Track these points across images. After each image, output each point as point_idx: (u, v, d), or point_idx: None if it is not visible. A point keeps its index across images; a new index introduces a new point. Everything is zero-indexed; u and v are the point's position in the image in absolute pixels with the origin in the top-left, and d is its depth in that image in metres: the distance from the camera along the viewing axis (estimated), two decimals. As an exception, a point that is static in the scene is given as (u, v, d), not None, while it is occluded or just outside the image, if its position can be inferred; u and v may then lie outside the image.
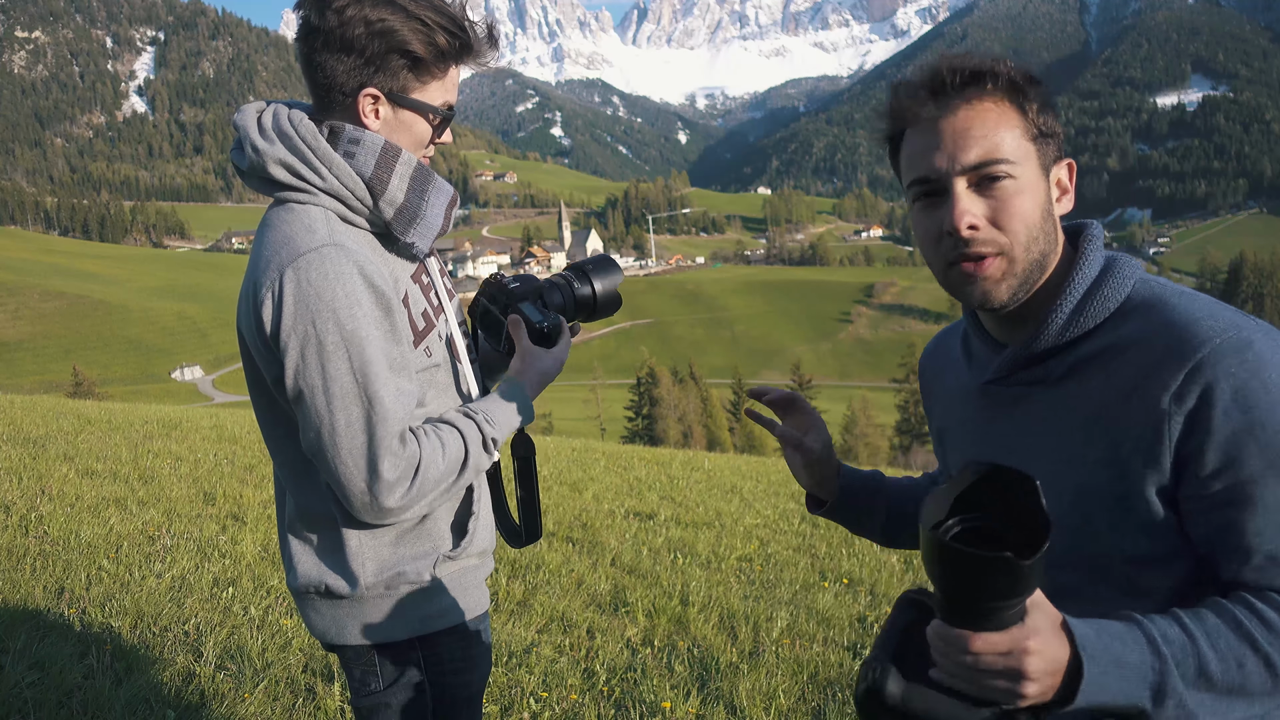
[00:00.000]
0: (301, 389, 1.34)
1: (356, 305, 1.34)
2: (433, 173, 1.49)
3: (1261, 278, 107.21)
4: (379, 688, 1.54)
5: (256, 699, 3.01)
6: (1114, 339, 1.08)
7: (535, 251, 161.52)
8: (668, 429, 49.67)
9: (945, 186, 1.10)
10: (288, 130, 1.41)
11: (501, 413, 1.52)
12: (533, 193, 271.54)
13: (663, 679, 3.46)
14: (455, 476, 1.43)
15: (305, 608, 1.55)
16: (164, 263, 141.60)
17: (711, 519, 6.88)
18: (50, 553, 4.31)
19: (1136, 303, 1.09)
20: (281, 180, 1.41)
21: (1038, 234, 1.10)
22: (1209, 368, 0.99)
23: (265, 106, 1.47)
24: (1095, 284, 1.11)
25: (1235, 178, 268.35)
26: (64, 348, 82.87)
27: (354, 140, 1.41)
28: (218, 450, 7.95)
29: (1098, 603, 1.10)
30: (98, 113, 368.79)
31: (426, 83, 1.43)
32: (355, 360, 1.33)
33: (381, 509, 1.35)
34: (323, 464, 1.36)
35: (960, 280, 1.13)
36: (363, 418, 1.34)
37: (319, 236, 1.37)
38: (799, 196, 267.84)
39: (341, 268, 1.34)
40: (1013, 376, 1.17)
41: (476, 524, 1.57)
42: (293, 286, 1.32)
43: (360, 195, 1.42)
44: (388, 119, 1.44)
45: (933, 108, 1.10)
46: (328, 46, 1.38)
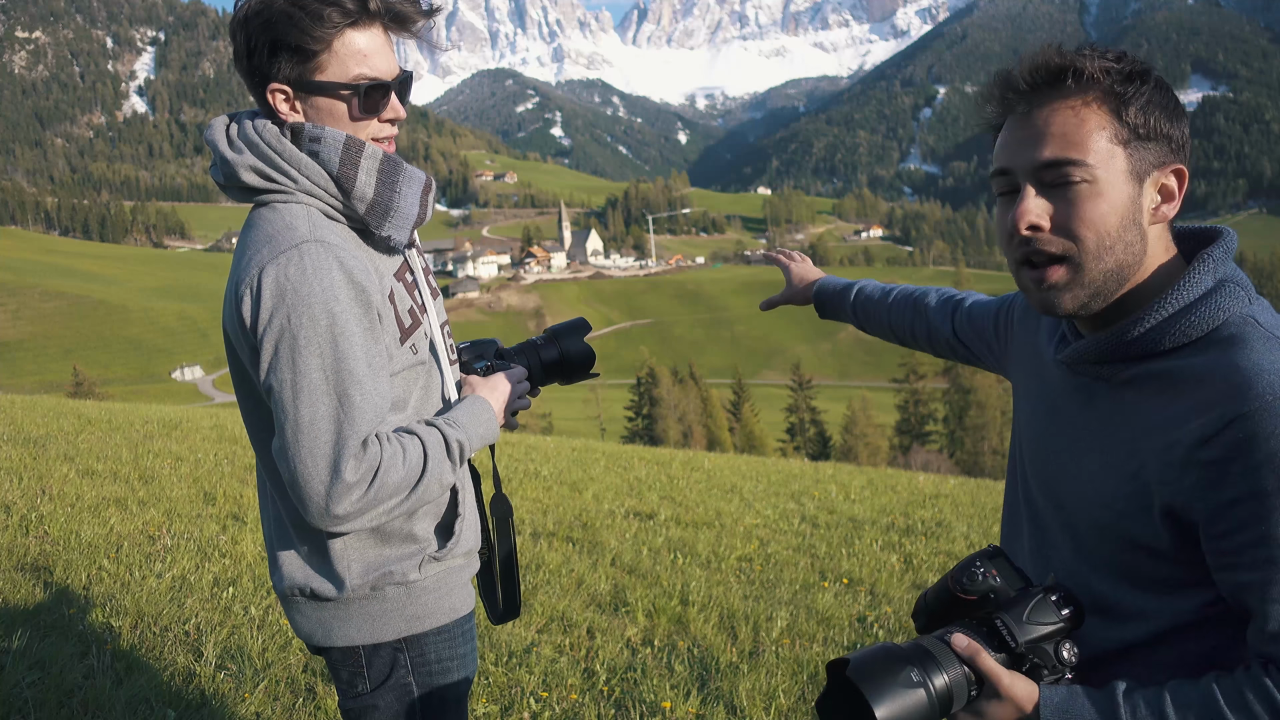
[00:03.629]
0: (272, 384, 1.32)
1: (335, 301, 1.32)
2: (401, 162, 1.46)
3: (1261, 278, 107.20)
4: (366, 689, 1.53)
5: (256, 699, 3.01)
6: (1184, 365, 1.05)
7: (535, 251, 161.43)
8: (668, 429, 49.65)
9: (1017, 184, 1.07)
10: (253, 137, 1.41)
11: (464, 415, 1.49)
12: (533, 193, 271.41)
13: (663, 679, 3.46)
14: (413, 485, 1.37)
15: (291, 610, 1.55)
16: (164, 263, 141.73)
17: (711, 519, 6.88)
18: (50, 553, 4.31)
19: (1224, 335, 1.04)
20: (256, 186, 1.41)
21: (1112, 243, 1.05)
22: (1250, 423, 0.96)
23: (230, 120, 1.46)
24: (1189, 307, 1.05)
25: (1235, 178, 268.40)
26: (64, 348, 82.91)
27: (315, 138, 1.40)
28: (218, 450, 7.95)
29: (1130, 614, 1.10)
30: (98, 113, 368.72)
31: (324, 62, 1.38)
32: (329, 357, 1.31)
33: (333, 515, 1.31)
34: (283, 461, 1.32)
35: (1026, 284, 1.11)
36: (330, 415, 1.31)
37: (300, 233, 1.35)
38: (799, 196, 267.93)
39: (321, 263, 1.33)
40: (1080, 367, 1.15)
41: (462, 525, 1.56)
42: (271, 282, 1.31)
43: (332, 191, 1.41)
44: (306, 110, 1.42)
45: (1022, 101, 1.07)
46: (237, 59, 1.41)
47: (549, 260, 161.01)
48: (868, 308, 1.81)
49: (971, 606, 1.07)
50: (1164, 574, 1.07)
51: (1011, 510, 1.33)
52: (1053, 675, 1.04)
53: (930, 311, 1.67)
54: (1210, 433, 0.98)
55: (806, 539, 6.35)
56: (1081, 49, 1.06)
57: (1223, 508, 0.99)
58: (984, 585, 1.05)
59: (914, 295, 1.74)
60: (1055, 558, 1.20)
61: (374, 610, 1.50)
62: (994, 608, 1.05)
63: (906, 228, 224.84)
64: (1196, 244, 1.15)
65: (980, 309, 1.56)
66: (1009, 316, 1.44)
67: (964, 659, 1.02)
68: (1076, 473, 1.15)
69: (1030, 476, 1.25)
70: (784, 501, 8.04)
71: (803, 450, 47.97)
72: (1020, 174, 1.07)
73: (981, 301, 1.58)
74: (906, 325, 1.72)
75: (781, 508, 7.64)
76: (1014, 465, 1.33)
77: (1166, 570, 1.07)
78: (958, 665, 1.01)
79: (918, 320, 1.70)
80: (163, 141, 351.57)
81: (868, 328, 1.83)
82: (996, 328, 1.47)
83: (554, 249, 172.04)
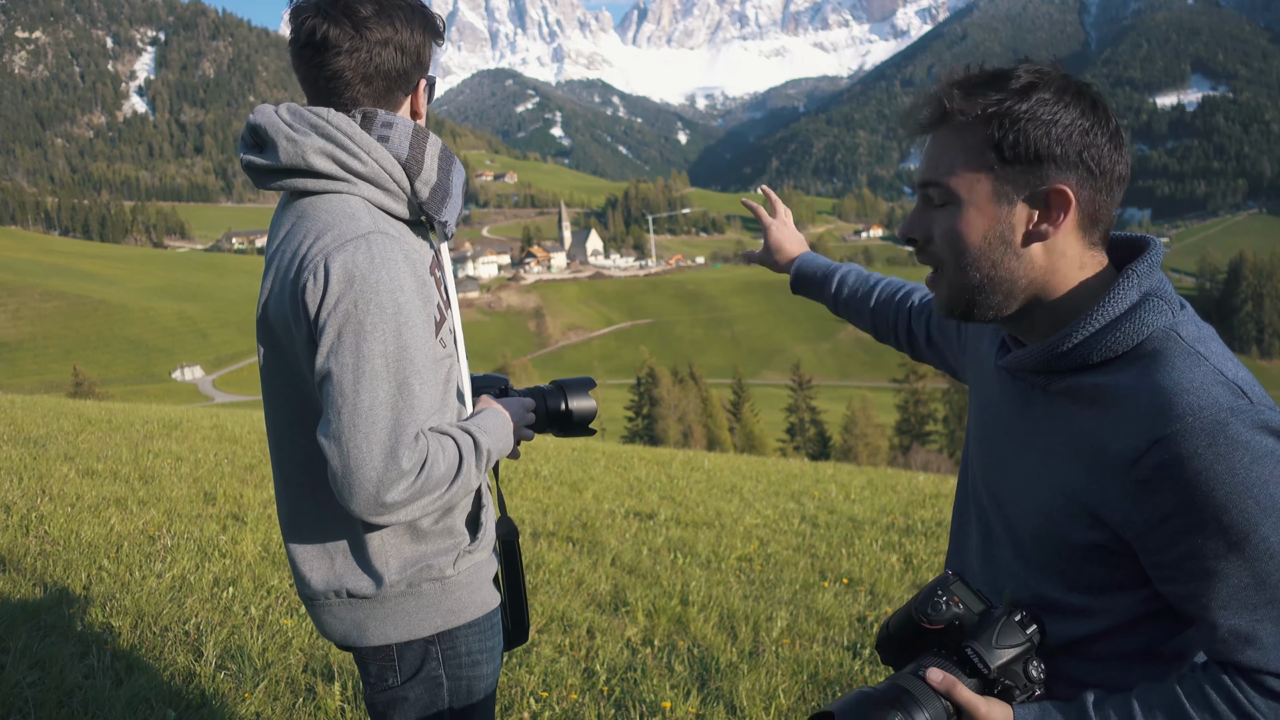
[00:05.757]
0: (331, 368, 1.31)
1: (400, 292, 1.33)
2: (451, 151, 1.53)
3: (1261, 278, 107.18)
4: (396, 682, 1.53)
5: (257, 699, 3.01)
6: (1110, 382, 1.08)
7: (535, 251, 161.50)
8: (668, 429, 49.67)
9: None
10: (317, 122, 1.42)
11: (490, 423, 1.51)
12: (533, 193, 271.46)
13: (663, 679, 3.46)
14: (450, 482, 1.38)
15: (321, 613, 1.52)
16: (164, 263, 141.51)
17: (711, 519, 6.88)
18: (51, 553, 4.31)
19: (1147, 350, 1.06)
20: (322, 170, 1.40)
21: (976, 258, 1.11)
22: (1174, 444, 0.99)
23: (276, 107, 1.47)
24: (1113, 322, 1.08)
25: (1235, 178, 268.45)
26: (64, 348, 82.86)
27: (387, 124, 1.44)
28: (218, 450, 7.95)
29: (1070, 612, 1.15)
30: (98, 113, 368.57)
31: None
32: (392, 345, 1.32)
33: (382, 503, 1.30)
34: (335, 447, 1.30)
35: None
36: (390, 403, 1.31)
37: (364, 224, 1.36)
38: (799, 196, 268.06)
39: (389, 253, 1.34)
40: (1020, 374, 1.19)
41: (487, 516, 1.58)
42: (340, 268, 1.31)
43: (398, 178, 1.44)
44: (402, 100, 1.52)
45: (921, 129, 1.16)
46: (384, 46, 1.44)
47: (549, 260, 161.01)
48: (850, 302, 1.80)
49: (937, 635, 1.10)
50: (1098, 577, 1.11)
51: (961, 511, 1.37)
52: (1024, 694, 1.07)
53: (911, 312, 1.68)
54: (1138, 453, 1.01)
55: (806, 539, 6.35)
56: (961, 80, 1.11)
57: (1155, 524, 1.02)
58: (948, 614, 1.08)
59: (897, 293, 1.73)
60: (1000, 558, 1.23)
61: (410, 607, 1.50)
62: (961, 635, 1.08)
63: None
64: (1130, 252, 1.18)
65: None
66: (964, 324, 1.49)
67: (940, 693, 1.04)
68: (1016, 476, 1.19)
69: (978, 478, 1.29)
70: (784, 501, 8.03)
71: (803, 450, 47.98)
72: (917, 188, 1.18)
73: None
74: (889, 321, 1.72)
75: (781, 508, 7.63)
76: (965, 467, 1.37)
77: (1101, 574, 1.11)
78: (935, 700, 1.03)
79: (900, 318, 1.70)
80: (163, 141, 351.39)
81: (847, 318, 1.82)
82: (960, 335, 1.51)
83: (554, 249, 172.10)
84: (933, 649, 1.11)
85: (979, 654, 1.05)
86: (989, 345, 1.33)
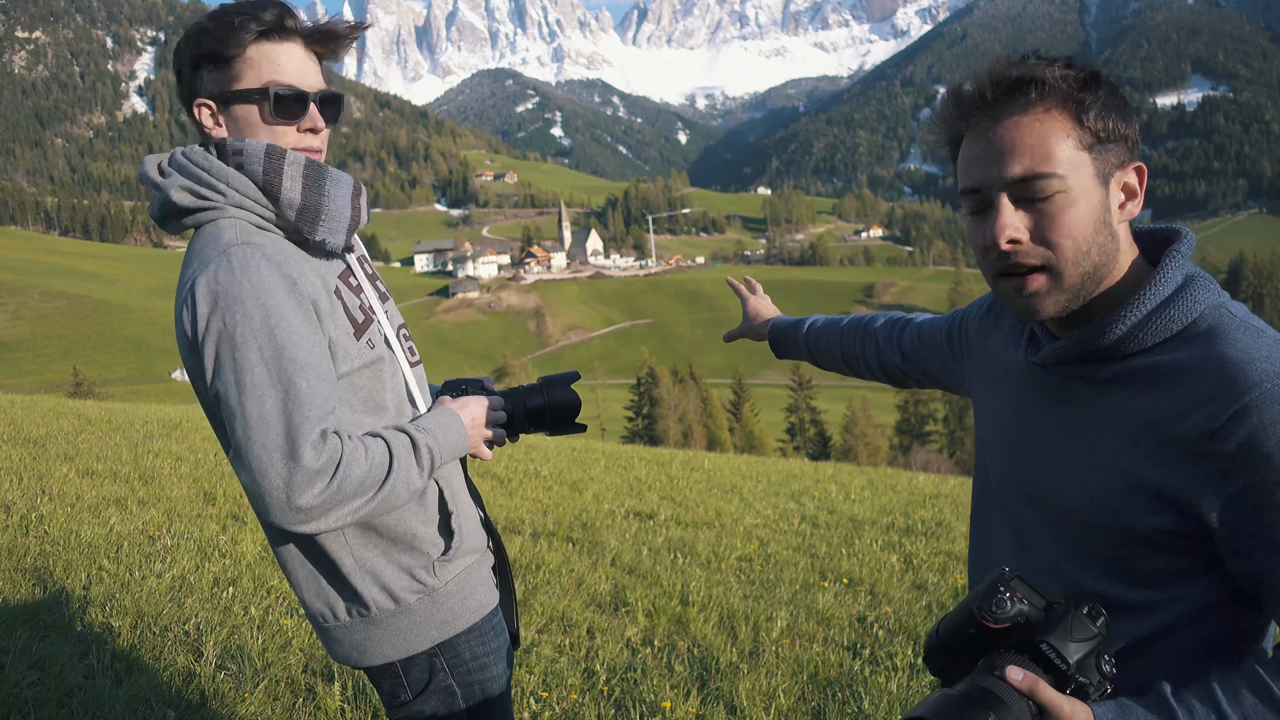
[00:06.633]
0: (219, 389, 1.31)
1: (266, 294, 1.32)
2: (325, 166, 1.49)
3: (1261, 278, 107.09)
4: (409, 698, 1.55)
5: (257, 699, 3.01)
6: (1169, 360, 1.06)
7: (535, 251, 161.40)
8: (668, 429, 49.66)
9: (991, 199, 1.08)
10: (181, 161, 1.45)
11: (432, 422, 1.49)
12: (533, 193, 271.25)
13: (663, 679, 3.46)
14: (379, 484, 1.36)
15: (324, 636, 1.56)
16: (164, 263, 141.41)
17: (711, 519, 6.88)
18: (50, 553, 4.31)
19: (1201, 329, 1.06)
20: (187, 205, 1.42)
21: (1088, 247, 1.07)
22: (1255, 412, 0.98)
23: (159, 158, 1.50)
24: (1165, 303, 1.07)
25: (1235, 178, 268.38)
26: (64, 348, 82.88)
27: (237, 150, 1.43)
28: (218, 450, 7.94)
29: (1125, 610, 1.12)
30: (98, 113, 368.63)
31: (241, 71, 1.44)
32: (268, 350, 1.30)
33: (295, 507, 1.27)
34: (239, 463, 1.30)
35: (1007, 293, 1.12)
36: (277, 406, 1.29)
37: (225, 240, 1.37)
38: (799, 196, 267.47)
39: (249, 262, 1.34)
40: (1058, 368, 1.16)
41: (461, 521, 1.57)
42: (204, 290, 1.32)
43: (261, 200, 1.43)
44: (227, 123, 1.47)
45: (984, 116, 1.08)
46: (178, 88, 1.48)
47: (549, 260, 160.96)
48: (819, 341, 1.87)
49: (1003, 634, 1.05)
50: (1160, 567, 1.09)
51: (981, 519, 1.33)
52: (1096, 692, 1.03)
53: (878, 334, 1.70)
54: (1216, 425, 1.00)
55: (806, 539, 6.35)
56: (1027, 58, 1.08)
57: (1235, 496, 1.00)
58: (1013, 611, 1.03)
59: (863, 321, 1.78)
60: (1039, 561, 1.20)
61: (403, 624, 1.50)
62: (1030, 632, 1.04)
63: (906, 227, 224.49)
64: (1153, 244, 1.17)
65: (931, 326, 1.59)
66: (963, 330, 1.46)
67: (1023, 692, 1.00)
68: (1057, 473, 1.16)
69: (1005, 482, 1.26)
70: (784, 501, 8.04)
71: (803, 450, 47.98)
72: (993, 189, 1.08)
73: (931, 320, 1.61)
74: (857, 352, 1.75)
75: (781, 508, 7.63)
76: (981, 475, 1.33)
77: (1163, 563, 1.08)
78: (1021, 701, 0.99)
79: (867, 345, 1.72)
80: (163, 141, 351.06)
81: (821, 361, 1.87)
82: (951, 343, 1.49)
83: (554, 249, 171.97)
84: (999, 649, 1.05)
85: (1056, 649, 1.01)
86: (1004, 344, 1.30)
